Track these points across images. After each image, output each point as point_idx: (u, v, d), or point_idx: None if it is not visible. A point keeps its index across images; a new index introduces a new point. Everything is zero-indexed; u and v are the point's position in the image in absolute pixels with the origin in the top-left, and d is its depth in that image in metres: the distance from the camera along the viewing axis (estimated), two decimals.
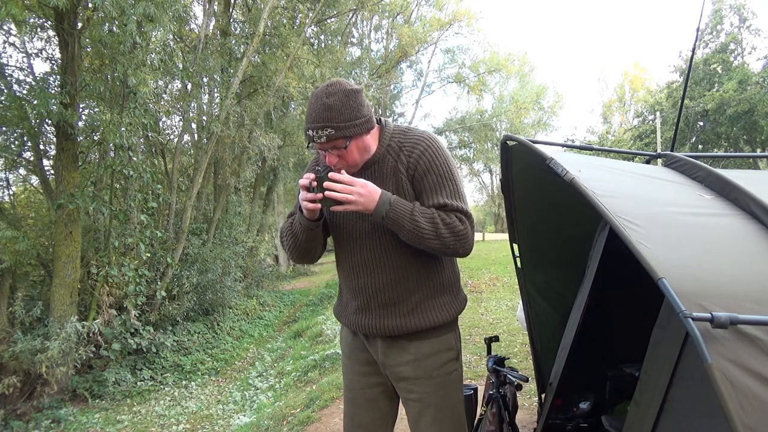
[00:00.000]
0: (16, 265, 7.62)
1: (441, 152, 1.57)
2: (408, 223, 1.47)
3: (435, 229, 1.47)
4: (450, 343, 1.66)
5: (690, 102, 21.33)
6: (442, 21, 26.03)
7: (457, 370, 1.68)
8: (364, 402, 1.74)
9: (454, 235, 1.49)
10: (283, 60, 12.26)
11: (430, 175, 1.54)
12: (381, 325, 1.61)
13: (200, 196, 11.45)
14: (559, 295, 2.84)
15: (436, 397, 1.62)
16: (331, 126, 1.45)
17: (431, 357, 1.62)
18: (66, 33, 7.22)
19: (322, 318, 10.02)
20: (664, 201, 1.66)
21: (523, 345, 5.44)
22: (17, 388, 6.76)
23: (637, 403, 1.62)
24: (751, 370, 1.05)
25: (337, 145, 1.49)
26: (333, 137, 1.46)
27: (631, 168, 2.02)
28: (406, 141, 1.58)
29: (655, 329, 1.55)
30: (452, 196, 1.53)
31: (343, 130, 1.46)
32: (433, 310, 1.62)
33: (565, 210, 2.55)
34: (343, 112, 1.46)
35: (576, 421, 2.84)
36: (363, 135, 1.53)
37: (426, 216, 1.48)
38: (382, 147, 1.59)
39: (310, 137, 1.49)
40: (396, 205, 1.48)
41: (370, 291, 1.62)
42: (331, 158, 1.52)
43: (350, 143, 1.50)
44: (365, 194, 1.45)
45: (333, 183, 1.44)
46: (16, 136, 8.15)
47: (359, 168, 1.59)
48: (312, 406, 4.64)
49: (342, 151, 1.50)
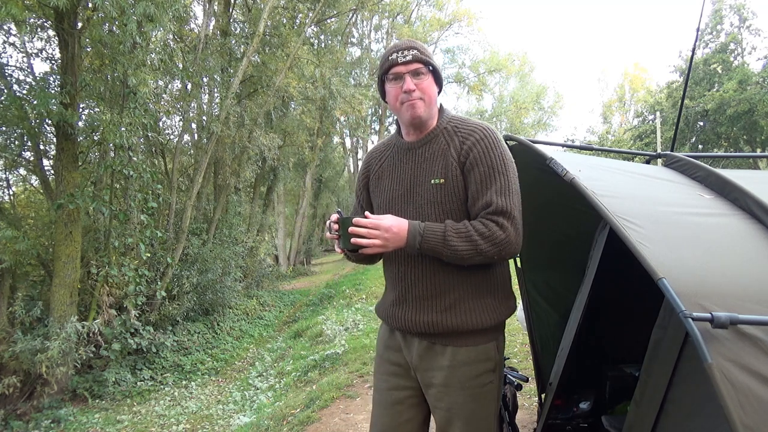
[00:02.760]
0: (16, 265, 7.62)
1: (497, 144, 1.50)
2: (444, 249, 1.42)
3: (473, 247, 1.41)
4: (489, 353, 1.54)
5: (690, 102, 21.31)
6: (442, 21, 26.07)
7: (493, 382, 1.56)
8: (388, 405, 1.65)
9: (494, 246, 1.41)
10: (283, 60, 12.26)
11: (481, 166, 1.47)
12: (416, 319, 1.55)
13: (200, 196, 11.45)
14: (559, 295, 2.84)
15: (466, 409, 1.52)
16: (417, 48, 1.52)
17: (466, 366, 1.52)
18: (66, 33, 7.22)
19: (322, 318, 10.01)
20: (664, 201, 1.66)
21: (523, 345, 5.44)
22: (17, 388, 6.77)
23: (637, 403, 1.62)
24: (751, 370, 1.05)
25: (419, 70, 1.50)
26: (417, 58, 1.50)
27: (631, 168, 2.02)
28: (463, 127, 1.55)
29: (655, 329, 1.55)
30: (501, 193, 1.44)
31: (426, 56, 1.52)
32: (473, 311, 1.52)
33: (565, 210, 2.55)
34: (426, 47, 1.56)
35: (576, 421, 2.83)
36: (436, 82, 1.57)
37: (461, 235, 1.42)
38: (439, 128, 1.57)
39: (393, 60, 1.51)
40: (427, 235, 1.43)
41: (409, 280, 1.57)
42: (410, 83, 1.50)
43: (430, 74, 1.53)
44: (390, 237, 1.43)
45: (357, 228, 1.42)
46: (16, 136, 8.16)
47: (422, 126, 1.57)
48: (312, 406, 4.63)
49: (421, 79, 1.51)
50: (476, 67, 29.93)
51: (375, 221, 1.43)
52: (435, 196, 1.50)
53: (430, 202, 1.51)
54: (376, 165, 1.71)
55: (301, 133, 16.16)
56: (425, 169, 1.54)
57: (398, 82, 1.52)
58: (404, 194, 1.57)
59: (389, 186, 1.62)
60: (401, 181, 1.59)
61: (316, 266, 24.03)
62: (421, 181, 1.54)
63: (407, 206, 1.56)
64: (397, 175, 1.61)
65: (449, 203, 1.50)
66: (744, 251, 1.41)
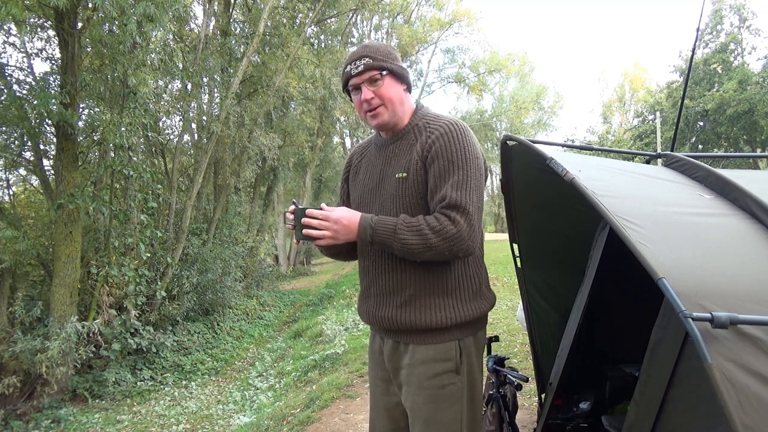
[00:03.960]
0: (16, 265, 7.63)
1: (461, 138, 1.47)
2: (395, 242, 1.43)
3: (423, 241, 1.39)
4: (448, 353, 1.49)
5: (690, 102, 21.31)
6: (442, 21, 26.08)
7: (455, 384, 1.49)
8: (383, 410, 1.65)
9: (445, 240, 1.38)
10: (283, 60, 12.26)
11: (440, 159, 1.46)
12: (376, 313, 1.57)
13: (200, 196, 11.45)
14: (559, 295, 2.84)
15: (426, 410, 1.48)
16: (368, 56, 1.51)
17: (424, 364, 1.49)
18: (66, 33, 7.22)
19: (322, 318, 10.02)
20: (664, 201, 1.66)
21: (523, 345, 5.44)
22: (17, 388, 6.77)
23: (637, 403, 1.62)
24: (751, 370, 1.05)
25: (373, 77, 1.51)
26: (369, 66, 1.50)
27: (631, 168, 2.02)
28: (432, 123, 1.54)
29: (655, 329, 1.55)
30: (456, 187, 1.42)
31: (379, 61, 1.51)
32: (427, 308, 1.49)
33: (565, 210, 2.55)
34: (382, 49, 1.54)
35: (576, 421, 2.83)
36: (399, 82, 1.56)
37: (412, 229, 1.41)
38: (410, 125, 1.58)
39: (348, 73, 1.53)
40: (378, 227, 1.44)
41: (372, 275, 1.59)
42: (367, 93, 1.51)
43: (385, 77, 1.52)
44: (340, 228, 1.45)
45: (309, 219, 1.46)
46: (16, 136, 8.16)
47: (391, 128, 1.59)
48: (312, 406, 4.63)
49: (378, 86, 1.51)
50: (476, 67, 29.94)
51: (325, 213, 1.46)
52: (397, 190, 1.52)
53: (393, 195, 1.53)
54: (356, 160, 1.76)
55: (301, 133, 16.17)
56: (393, 165, 1.57)
57: (357, 92, 1.54)
58: (374, 188, 1.60)
59: (363, 180, 1.67)
60: (372, 175, 1.63)
61: (316, 266, 24.04)
62: (389, 176, 1.56)
63: (374, 200, 1.59)
64: (370, 170, 1.65)
65: (409, 197, 1.50)
66: (744, 251, 1.41)
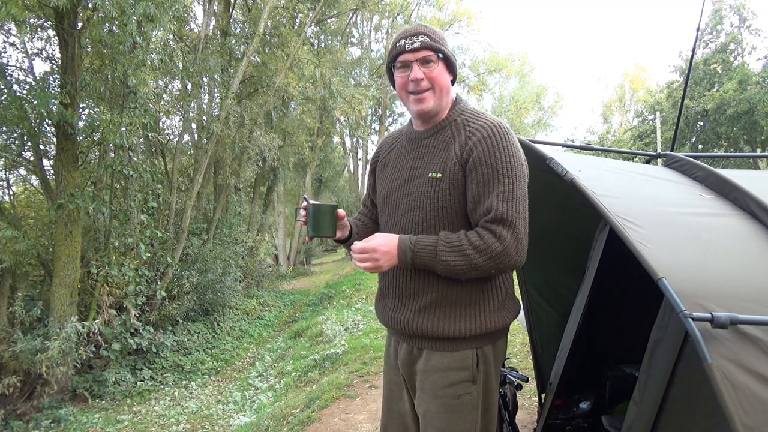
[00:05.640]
0: (16, 265, 7.62)
1: (505, 144, 1.37)
2: (437, 264, 1.35)
3: (467, 262, 1.32)
4: (465, 362, 1.42)
5: (690, 102, 21.31)
6: (442, 21, 26.08)
7: (471, 394, 1.42)
8: (396, 416, 1.60)
9: (491, 260, 1.31)
10: (283, 60, 12.26)
11: (484, 167, 1.35)
12: (394, 315, 1.51)
13: (200, 196, 11.45)
14: (559, 295, 2.84)
15: (439, 419, 1.42)
16: (426, 34, 1.42)
17: (439, 372, 1.43)
18: (66, 33, 7.22)
19: (322, 318, 10.01)
20: (664, 201, 1.66)
21: (523, 345, 5.44)
22: (17, 388, 6.76)
23: (637, 402, 1.62)
24: (751, 370, 1.05)
25: (428, 57, 1.41)
26: (426, 45, 1.41)
27: (631, 168, 2.02)
28: (473, 121, 1.43)
29: (655, 329, 1.55)
30: (502, 198, 1.33)
31: (436, 42, 1.43)
32: (447, 316, 1.41)
33: (564, 210, 2.55)
34: (438, 32, 1.46)
35: (576, 421, 2.83)
36: (449, 70, 1.48)
37: (453, 249, 1.33)
38: (448, 119, 1.49)
39: (400, 47, 1.43)
40: (419, 250, 1.37)
41: (391, 275, 1.52)
42: (418, 72, 1.41)
43: (440, 60, 1.43)
44: (380, 256, 1.38)
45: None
46: (16, 136, 8.16)
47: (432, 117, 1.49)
48: (312, 406, 4.63)
49: (431, 68, 1.42)
50: (476, 67, 29.94)
51: (363, 245, 1.39)
52: (429, 190, 1.43)
53: (424, 195, 1.44)
54: (385, 152, 1.67)
55: (301, 133, 16.16)
56: (426, 162, 1.47)
57: (406, 70, 1.44)
58: (402, 185, 1.52)
59: (391, 174, 1.58)
60: (402, 170, 1.54)
61: (316, 266, 24.03)
62: (420, 173, 1.47)
63: (402, 198, 1.51)
64: (400, 165, 1.56)
65: (442, 200, 1.41)
66: (744, 251, 1.41)
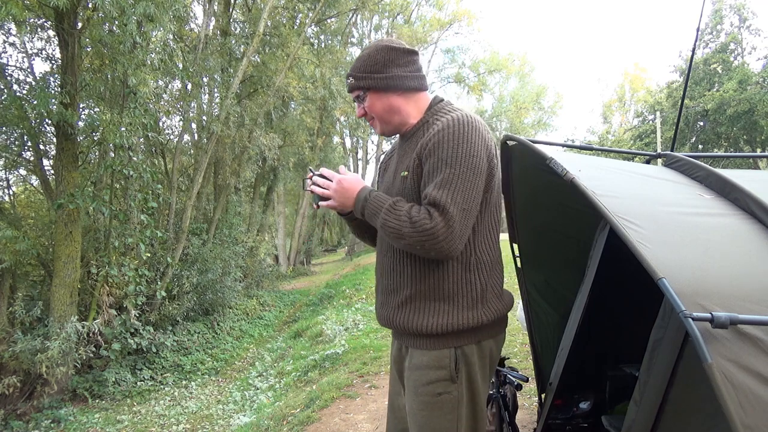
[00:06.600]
0: (16, 265, 7.62)
1: (457, 134, 1.37)
2: (377, 220, 1.41)
3: (399, 227, 1.35)
4: (442, 361, 1.42)
5: (690, 102, 21.32)
6: (442, 21, 26.07)
7: (450, 393, 1.41)
8: (395, 409, 1.64)
9: (418, 233, 1.32)
10: (283, 60, 12.26)
11: (432, 157, 1.38)
12: (381, 312, 1.57)
13: (200, 196, 11.45)
14: (559, 295, 2.84)
15: (420, 416, 1.44)
16: (352, 75, 1.52)
17: (419, 370, 1.45)
18: (66, 33, 7.22)
19: (322, 318, 10.01)
20: (664, 201, 1.66)
21: (523, 345, 5.44)
22: (17, 388, 6.76)
23: (637, 402, 1.62)
24: (751, 370, 1.05)
25: (359, 95, 1.52)
26: (353, 86, 1.52)
27: (631, 168, 2.02)
28: (438, 119, 1.45)
29: (655, 329, 1.55)
30: (440, 185, 1.34)
31: (359, 80, 1.50)
32: (422, 311, 1.43)
33: (565, 210, 2.54)
34: (366, 63, 1.50)
35: (576, 421, 2.83)
36: (385, 92, 1.50)
37: (395, 212, 1.38)
38: (422, 122, 1.53)
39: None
40: (370, 202, 1.44)
41: (380, 271, 1.58)
42: (359, 110, 1.55)
43: (367, 95, 1.51)
44: (339, 190, 1.49)
45: (318, 178, 1.51)
46: (16, 136, 8.15)
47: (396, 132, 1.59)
48: (312, 406, 4.63)
49: (365, 102, 1.52)
50: (476, 67, 29.95)
51: (332, 173, 1.51)
52: (401, 189, 1.51)
53: (399, 193, 1.51)
54: (387, 156, 1.78)
55: (301, 133, 16.16)
56: (402, 162, 1.56)
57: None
58: (389, 186, 1.61)
59: (385, 177, 1.69)
60: (390, 174, 1.65)
61: (316, 266, 24.04)
62: (398, 174, 1.56)
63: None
64: (391, 168, 1.66)
65: (408, 196, 1.47)
66: (744, 251, 1.41)
